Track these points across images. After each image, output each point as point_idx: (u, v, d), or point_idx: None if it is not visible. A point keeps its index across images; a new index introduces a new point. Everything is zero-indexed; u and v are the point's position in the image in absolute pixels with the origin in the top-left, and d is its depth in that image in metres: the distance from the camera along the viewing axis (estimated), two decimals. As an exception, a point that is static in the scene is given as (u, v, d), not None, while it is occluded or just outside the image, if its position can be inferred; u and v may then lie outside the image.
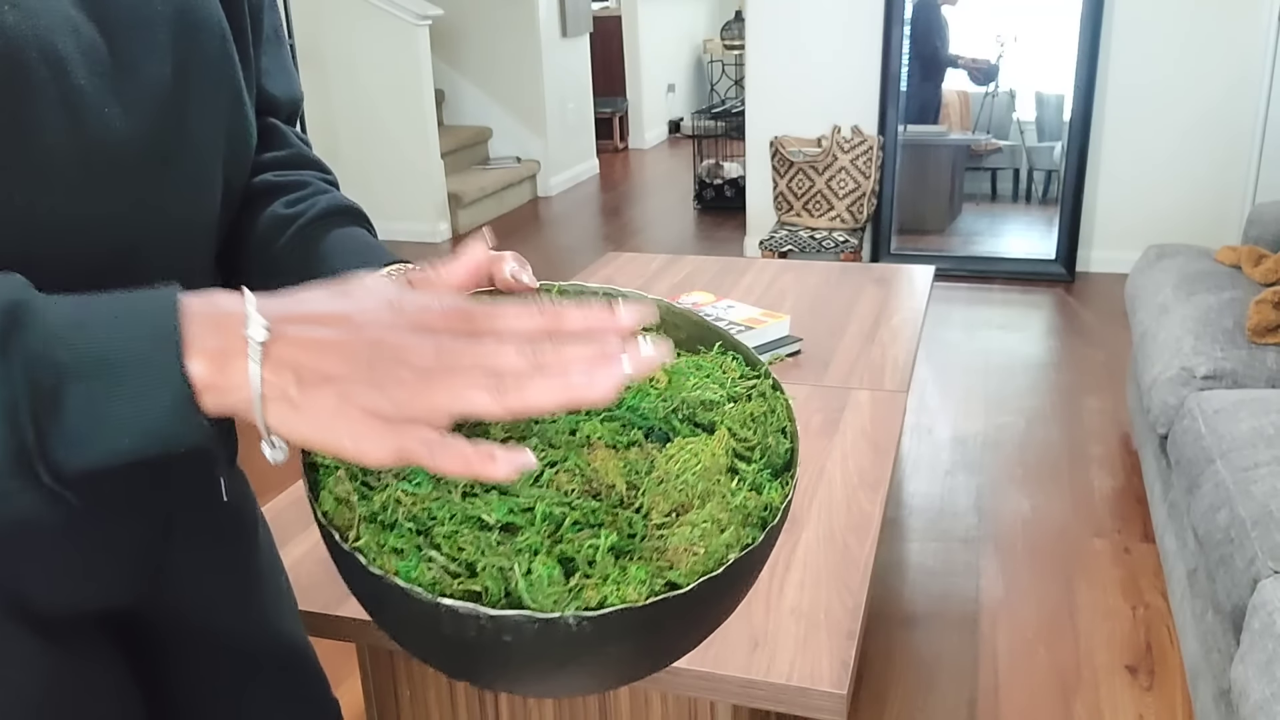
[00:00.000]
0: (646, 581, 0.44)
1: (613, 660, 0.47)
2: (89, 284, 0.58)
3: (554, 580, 0.44)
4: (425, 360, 0.44)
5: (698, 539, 0.47)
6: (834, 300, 2.20)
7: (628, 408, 0.53)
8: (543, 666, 0.46)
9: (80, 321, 0.45)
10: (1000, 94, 4.75)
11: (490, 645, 0.43)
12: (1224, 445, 1.73)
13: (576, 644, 0.44)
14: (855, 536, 1.24)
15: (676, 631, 0.48)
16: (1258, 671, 1.29)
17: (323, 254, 0.68)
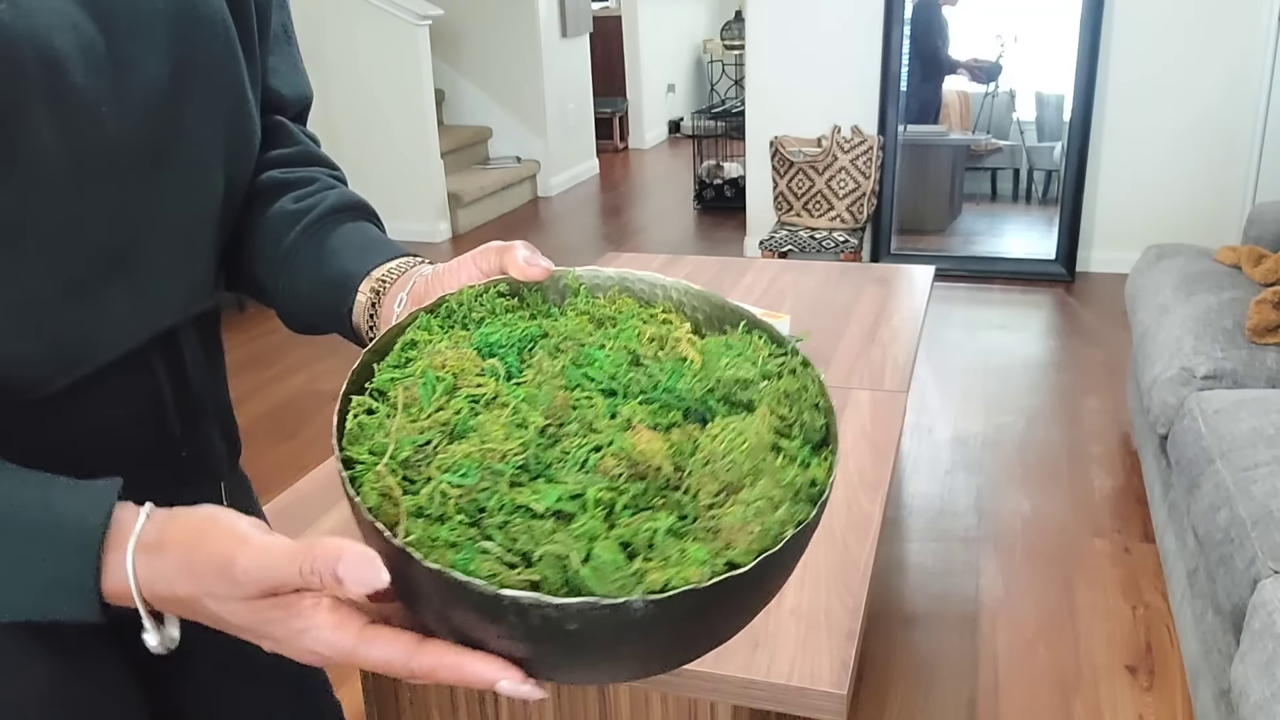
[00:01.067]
0: (707, 562, 0.44)
1: (666, 644, 0.47)
2: (85, 282, 0.58)
3: (619, 565, 0.43)
4: None
5: (753, 517, 0.46)
6: (834, 300, 2.20)
7: (664, 389, 0.52)
8: (600, 653, 0.45)
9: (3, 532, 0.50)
10: (1000, 94, 4.75)
11: (552, 635, 0.43)
12: (1224, 445, 1.73)
13: (639, 628, 0.43)
14: (855, 536, 1.24)
15: (732, 612, 0.48)
16: (1258, 671, 1.29)
17: (331, 249, 0.68)
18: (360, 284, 0.66)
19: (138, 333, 0.63)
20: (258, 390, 3.34)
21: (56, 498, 0.50)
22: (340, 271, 0.67)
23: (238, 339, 3.87)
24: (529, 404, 0.50)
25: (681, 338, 0.56)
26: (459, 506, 0.45)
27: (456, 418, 0.49)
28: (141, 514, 0.50)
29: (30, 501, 0.50)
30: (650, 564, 0.44)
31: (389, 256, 0.67)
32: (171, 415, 0.68)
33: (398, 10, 4.92)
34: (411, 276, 0.65)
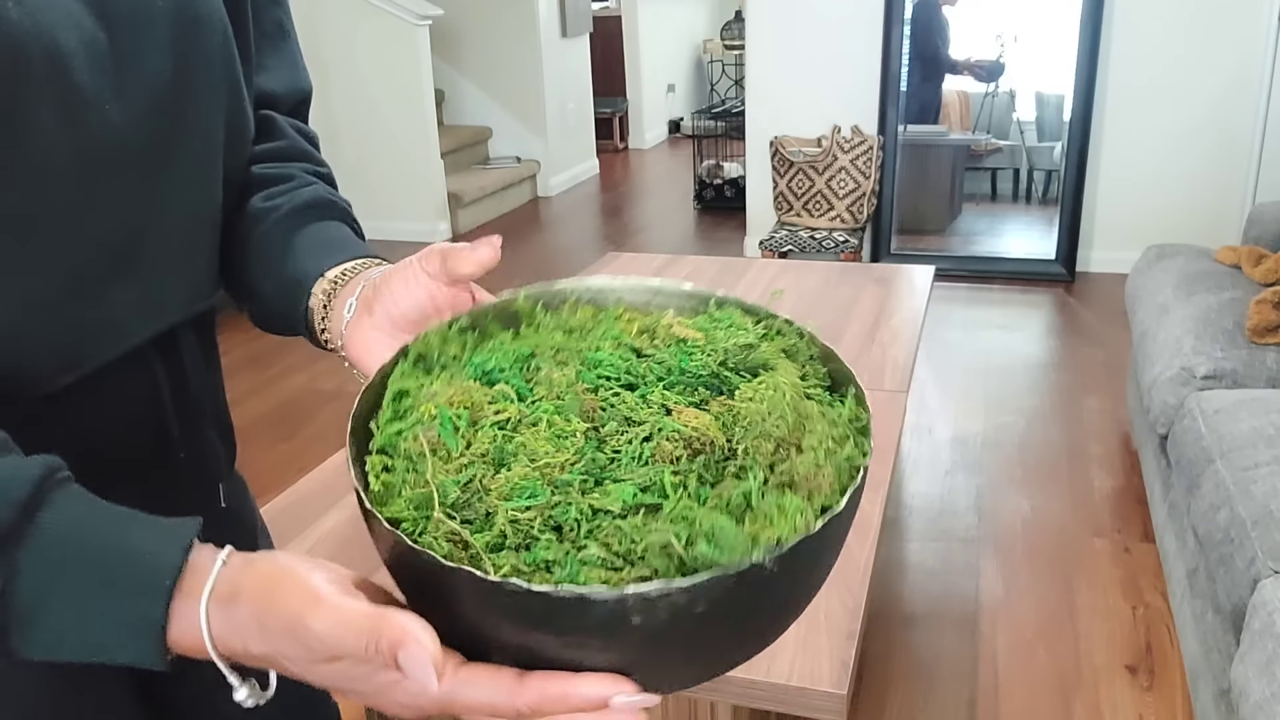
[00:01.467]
0: (804, 510, 0.44)
1: (780, 605, 0.46)
2: (88, 280, 0.58)
3: (734, 531, 0.42)
4: None
5: (824, 460, 0.47)
6: (834, 300, 2.20)
7: (680, 371, 0.52)
8: (722, 634, 0.44)
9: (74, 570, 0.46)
10: (1000, 94, 4.75)
11: (675, 627, 0.41)
12: (1224, 445, 1.73)
13: (762, 592, 0.42)
14: (855, 536, 1.24)
15: (833, 557, 0.48)
16: (1258, 671, 1.29)
17: (292, 248, 0.67)
18: (314, 285, 0.64)
19: (140, 331, 0.62)
20: (257, 390, 3.34)
21: (133, 531, 0.48)
22: (297, 272, 0.65)
23: (238, 339, 3.87)
24: (561, 415, 0.48)
25: (670, 323, 0.56)
26: (543, 526, 0.43)
27: (493, 446, 0.47)
28: (218, 560, 0.47)
29: (104, 531, 0.47)
30: (756, 525, 0.43)
31: (347, 257, 0.65)
32: (170, 416, 0.68)
33: (398, 10, 4.92)
34: (362, 279, 0.63)
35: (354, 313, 0.61)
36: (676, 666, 0.46)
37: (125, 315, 0.61)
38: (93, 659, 0.47)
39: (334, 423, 3.02)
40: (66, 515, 0.47)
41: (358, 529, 1.21)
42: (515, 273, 4.54)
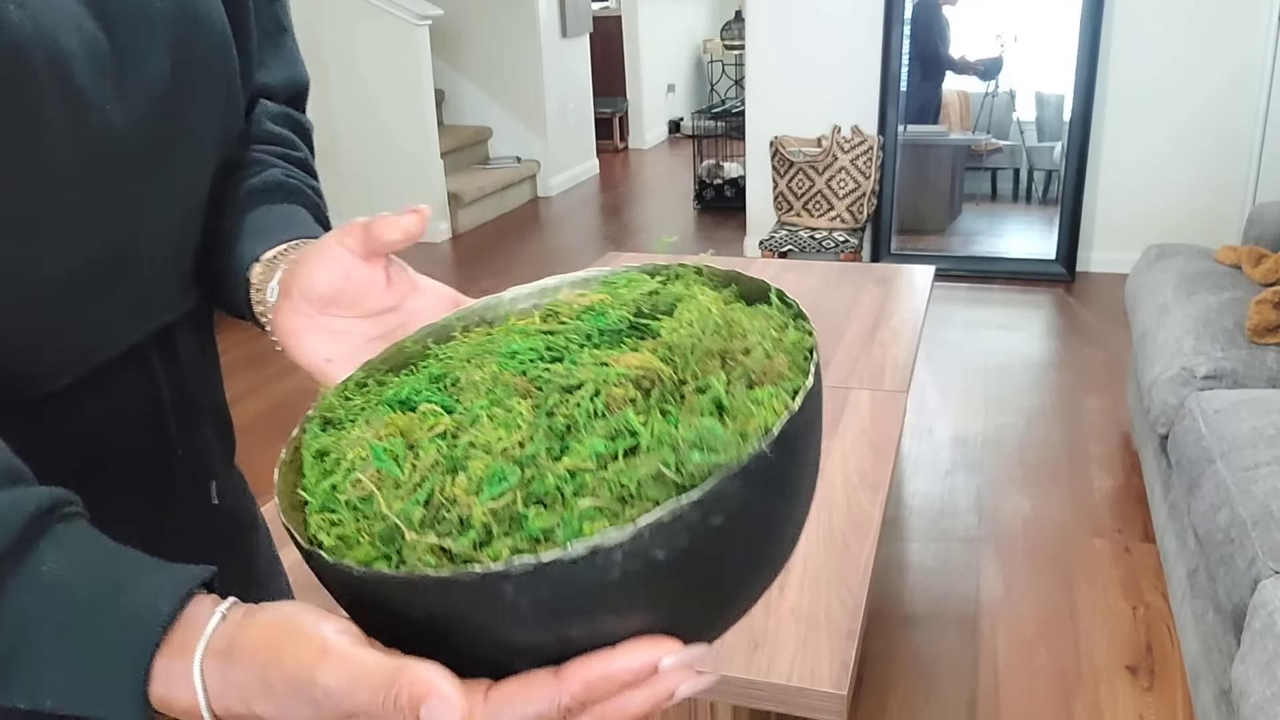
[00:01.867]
0: (777, 395, 0.43)
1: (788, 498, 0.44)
2: (89, 279, 0.58)
3: (718, 431, 0.40)
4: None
5: (773, 350, 0.46)
6: (834, 300, 2.20)
7: (598, 331, 0.51)
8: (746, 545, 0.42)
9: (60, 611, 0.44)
10: (1000, 94, 4.75)
11: (701, 544, 0.39)
12: (1224, 445, 1.73)
13: (770, 484, 0.41)
14: (855, 536, 1.24)
15: (816, 439, 0.46)
16: (1258, 671, 1.29)
17: (239, 229, 0.65)
18: (249, 269, 0.63)
19: (138, 329, 0.63)
20: (256, 390, 3.34)
21: (134, 574, 0.45)
22: (239, 255, 0.64)
23: (237, 338, 3.87)
24: (499, 404, 0.46)
25: (569, 299, 0.54)
26: (525, 504, 0.40)
27: (442, 456, 0.43)
28: (216, 613, 0.44)
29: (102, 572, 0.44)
30: (739, 422, 0.41)
31: (285, 239, 0.63)
32: (168, 413, 0.68)
33: (398, 10, 4.92)
34: (285, 260, 0.61)
35: (276, 296, 0.60)
36: (707, 607, 0.43)
37: (124, 314, 0.61)
38: (73, 710, 0.44)
39: (334, 423, 3.00)
40: (65, 553, 0.45)
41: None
42: (516, 273, 4.54)
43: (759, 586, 0.45)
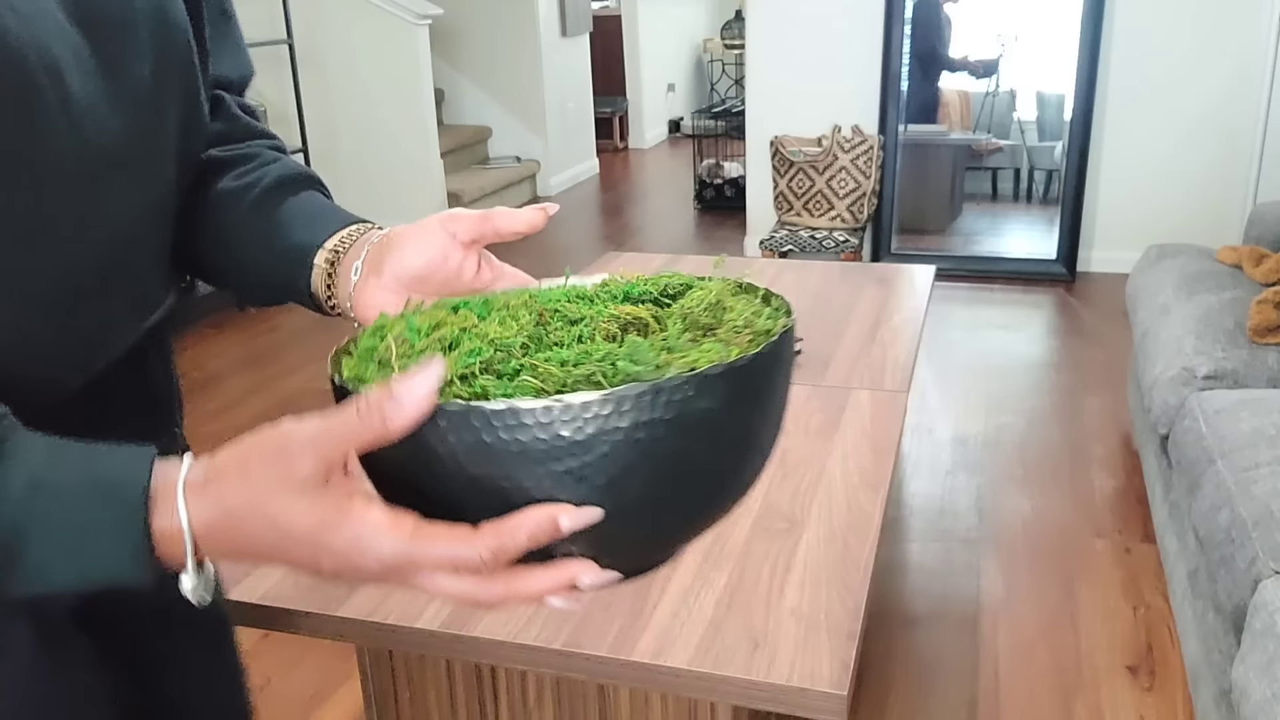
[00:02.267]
0: (721, 352, 0.48)
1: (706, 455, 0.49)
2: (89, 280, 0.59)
3: (647, 349, 0.48)
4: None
5: (744, 326, 0.52)
6: (834, 300, 2.20)
7: (624, 294, 0.58)
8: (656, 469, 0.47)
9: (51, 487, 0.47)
10: (1001, 94, 4.75)
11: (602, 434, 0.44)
12: (1225, 445, 1.73)
13: (686, 424, 0.46)
14: (855, 537, 1.24)
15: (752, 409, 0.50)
16: (1258, 672, 1.29)
17: (280, 222, 0.69)
18: (314, 255, 0.67)
19: (138, 328, 0.64)
20: (258, 389, 3.34)
21: (93, 457, 0.49)
22: (294, 244, 0.68)
23: (237, 339, 3.86)
24: (512, 314, 0.54)
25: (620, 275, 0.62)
26: (485, 370, 0.48)
27: (451, 334, 0.52)
28: (185, 460, 0.49)
29: (70, 463, 0.48)
30: (674, 355, 0.48)
31: (341, 224, 0.68)
32: (163, 407, 0.68)
33: (397, 10, 4.92)
34: (364, 244, 0.66)
35: (360, 275, 0.64)
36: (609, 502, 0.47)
37: (125, 312, 0.63)
38: (85, 583, 0.48)
39: (334, 422, 3.00)
40: (30, 445, 0.48)
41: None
42: (515, 272, 4.53)
43: (667, 512, 0.50)
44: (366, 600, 1.13)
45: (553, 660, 1.05)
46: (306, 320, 4.04)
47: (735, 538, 1.24)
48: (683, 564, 1.19)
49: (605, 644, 1.05)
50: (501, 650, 1.07)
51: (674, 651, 1.03)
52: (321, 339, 3.78)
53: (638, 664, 1.03)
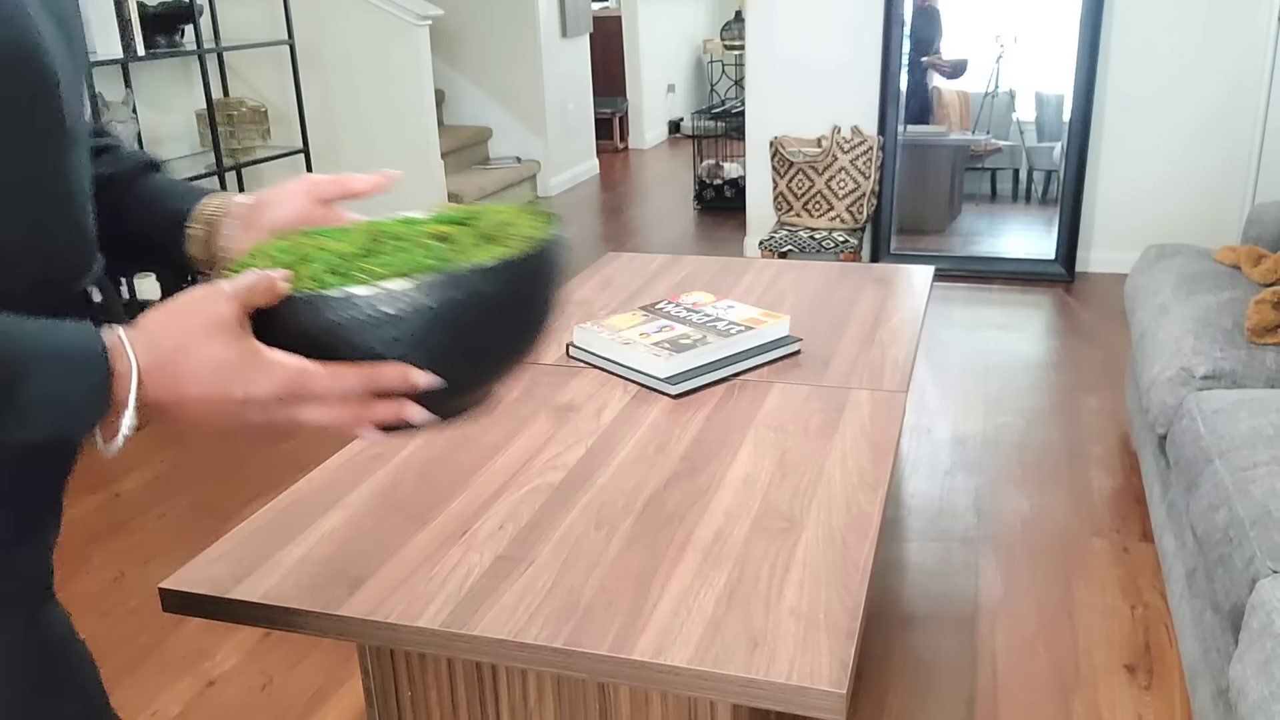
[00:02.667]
0: (500, 253, 0.69)
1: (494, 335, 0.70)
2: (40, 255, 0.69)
3: (444, 251, 0.70)
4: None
5: (524, 237, 0.73)
6: (834, 300, 2.20)
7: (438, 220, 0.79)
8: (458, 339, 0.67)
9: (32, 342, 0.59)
10: (1000, 94, 4.76)
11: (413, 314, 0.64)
12: (1223, 445, 1.73)
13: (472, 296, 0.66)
14: (854, 536, 1.25)
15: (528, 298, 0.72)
16: (1256, 671, 1.30)
17: (151, 198, 0.85)
18: (189, 221, 0.84)
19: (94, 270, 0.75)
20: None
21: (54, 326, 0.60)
22: (169, 214, 0.84)
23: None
24: (350, 237, 0.74)
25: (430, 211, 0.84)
26: (333, 273, 0.68)
27: (305, 250, 0.71)
28: (119, 326, 0.62)
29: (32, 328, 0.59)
30: (464, 255, 0.69)
31: (199, 198, 0.85)
32: None
33: (398, 10, 4.92)
34: (231, 207, 0.83)
35: (235, 230, 0.82)
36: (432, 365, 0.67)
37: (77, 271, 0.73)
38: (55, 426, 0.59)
39: (334, 422, 3.01)
40: None
41: (359, 529, 1.22)
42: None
43: (465, 367, 0.70)
44: (368, 599, 1.14)
45: (553, 659, 1.06)
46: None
47: (735, 537, 1.25)
48: (683, 563, 1.19)
49: (605, 643, 1.05)
50: (502, 649, 1.07)
51: (674, 650, 1.04)
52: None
53: (638, 663, 1.03)
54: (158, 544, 2.46)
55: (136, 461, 2.86)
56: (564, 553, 1.23)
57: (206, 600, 1.17)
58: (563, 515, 1.32)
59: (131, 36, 3.66)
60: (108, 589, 2.26)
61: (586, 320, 1.99)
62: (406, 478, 1.43)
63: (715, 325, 1.86)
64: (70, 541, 2.47)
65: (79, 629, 0.77)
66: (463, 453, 1.50)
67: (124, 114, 3.70)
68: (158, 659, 2.01)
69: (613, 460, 1.47)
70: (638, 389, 1.73)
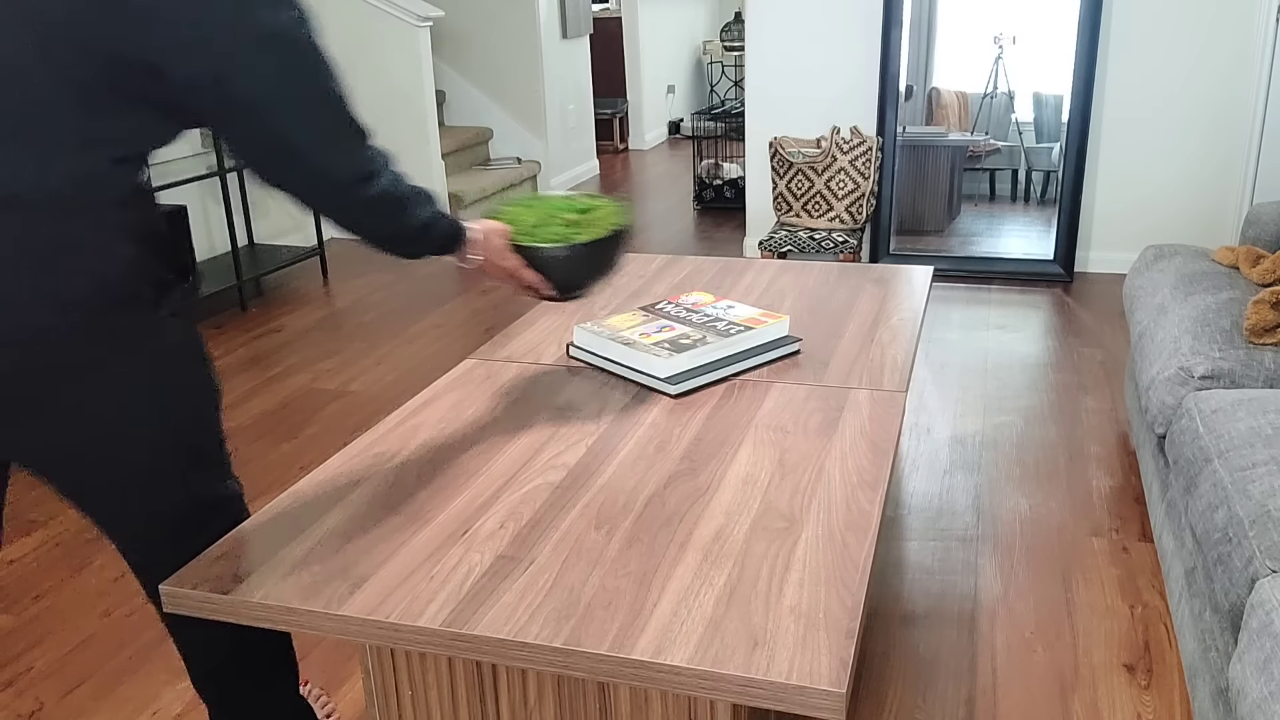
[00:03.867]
0: (592, 233, 1.58)
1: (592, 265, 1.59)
2: None
3: (568, 233, 1.56)
4: None
5: (610, 223, 1.59)
6: (833, 300, 2.21)
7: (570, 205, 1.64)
8: (579, 269, 1.57)
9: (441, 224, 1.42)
10: (999, 95, 4.76)
11: (557, 264, 1.55)
12: (1222, 445, 1.74)
13: (580, 257, 1.56)
14: (854, 536, 1.25)
15: (609, 255, 1.61)
16: (1255, 670, 1.30)
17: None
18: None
19: None
20: (259, 390, 3.35)
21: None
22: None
23: (239, 339, 3.87)
24: (532, 210, 1.61)
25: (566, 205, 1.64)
26: (526, 233, 1.55)
27: (516, 214, 1.59)
28: None
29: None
30: (579, 233, 1.56)
31: None
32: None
33: (398, 11, 4.93)
34: None
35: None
36: (581, 279, 1.59)
37: None
38: (443, 250, 1.44)
39: (335, 422, 3.03)
40: None
41: (359, 528, 1.22)
42: (515, 273, 4.54)
43: (580, 280, 1.59)
44: (368, 599, 1.14)
45: (553, 658, 1.06)
46: (308, 321, 4.05)
47: (735, 536, 1.25)
48: (683, 563, 1.20)
49: (605, 642, 1.06)
50: (502, 648, 1.08)
51: (674, 650, 1.04)
52: (322, 340, 3.79)
53: (637, 662, 1.03)
54: (158, 544, 2.46)
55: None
56: (564, 552, 1.23)
57: (207, 600, 1.17)
58: (563, 515, 1.32)
59: (132, 37, 3.66)
60: (108, 589, 2.26)
61: (586, 320, 2.00)
62: (407, 477, 1.43)
63: (715, 325, 1.87)
64: (71, 541, 2.48)
65: (79, 629, 0.78)
66: (463, 452, 1.50)
67: (124, 115, 3.70)
68: (158, 659, 2.01)
69: (613, 460, 1.47)
70: (638, 389, 1.73)
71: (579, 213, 1.56)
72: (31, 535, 2.51)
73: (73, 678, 1.97)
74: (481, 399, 1.72)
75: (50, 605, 2.20)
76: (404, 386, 3.33)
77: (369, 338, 3.82)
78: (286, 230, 5.07)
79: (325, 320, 4.05)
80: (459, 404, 1.70)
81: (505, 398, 1.72)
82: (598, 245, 1.54)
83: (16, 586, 2.29)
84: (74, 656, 2.02)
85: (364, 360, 3.58)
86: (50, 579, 2.32)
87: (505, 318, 4.00)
